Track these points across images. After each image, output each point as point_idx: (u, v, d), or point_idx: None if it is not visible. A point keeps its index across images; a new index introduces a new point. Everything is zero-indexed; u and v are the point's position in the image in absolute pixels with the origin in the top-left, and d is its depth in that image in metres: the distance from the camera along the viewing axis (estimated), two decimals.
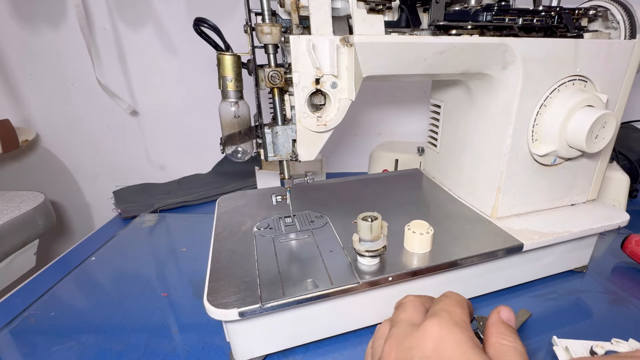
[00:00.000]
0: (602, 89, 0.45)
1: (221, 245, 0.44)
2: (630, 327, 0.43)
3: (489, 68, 0.42)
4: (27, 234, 0.71)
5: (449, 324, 0.26)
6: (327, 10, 0.35)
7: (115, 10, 0.82)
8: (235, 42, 0.41)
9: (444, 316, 0.26)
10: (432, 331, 0.25)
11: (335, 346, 0.41)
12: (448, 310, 0.27)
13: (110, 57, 0.86)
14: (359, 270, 0.39)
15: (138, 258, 0.60)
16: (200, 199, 0.80)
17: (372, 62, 0.37)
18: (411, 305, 0.30)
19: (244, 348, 0.38)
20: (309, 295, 0.35)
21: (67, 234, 1.05)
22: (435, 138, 0.60)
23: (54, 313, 0.48)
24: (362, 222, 0.38)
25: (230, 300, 0.35)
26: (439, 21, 0.40)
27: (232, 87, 0.39)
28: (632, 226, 0.50)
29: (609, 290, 0.49)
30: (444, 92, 0.56)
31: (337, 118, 0.39)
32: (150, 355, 0.41)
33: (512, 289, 0.49)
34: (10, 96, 0.90)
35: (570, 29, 0.44)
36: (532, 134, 0.44)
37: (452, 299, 0.29)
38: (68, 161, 0.99)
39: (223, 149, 0.41)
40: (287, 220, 0.49)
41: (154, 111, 0.92)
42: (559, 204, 0.51)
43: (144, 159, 0.98)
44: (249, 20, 0.37)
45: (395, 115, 0.94)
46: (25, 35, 0.83)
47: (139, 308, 0.48)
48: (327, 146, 0.45)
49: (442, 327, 0.25)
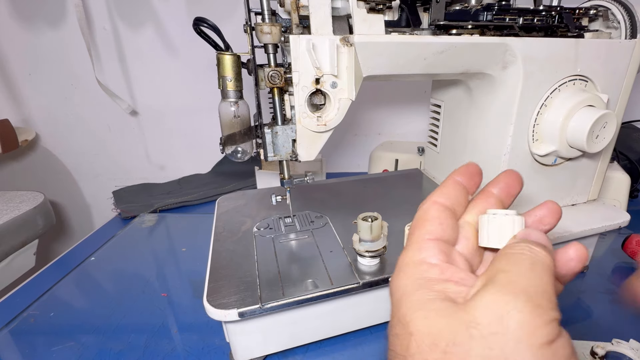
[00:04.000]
0: (602, 89, 0.45)
1: (221, 246, 0.44)
2: (630, 327, 0.43)
3: (489, 68, 0.42)
4: (26, 234, 0.71)
5: (518, 306, 0.16)
6: (327, 10, 0.35)
7: (115, 10, 0.81)
8: (235, 41, 0.40)
9: (509, 289, 0.17)
10: (487, 319, 0.16)
11: (335, 346, 0.41)
12: (513, 281, 0.17)
13: (110, 57, 0.86)
14: (359, 270, 0.39)
15: (138, 258, 0.60)
16: (200, 199, 0.80)
17: (372, 61, 0.37)
18: (430, 242, 0.21)
19: (243, 348, 0.38)
20: (309, 295, 0.35)
21: (66, 234, 1.05)
22: (435, 138, 0.60)
23: (53, 313, 0.48)
24: (362, 222, 0.38)
25: (230, 301, 0.34)
26: (439, 21, 0.40)
27: (232, 87, 0.38)
28: (632, 226, 0.50)
29: (610, 290, 0.49)
30: (444, 92, 0.56)
31: (337, 118, 0.39)
32: (150, 355, 0.40)
33: None
34: (10, 96, 0.90)
35: (570, 29, 0.44)
36: (533, 134, 0.44)
37: (528, 251, 0.18)
38: (68, 161, 0.99)
39: (223, 148, 0.41)
40: (287, 220, 0.49)
41: (154, 111, 0.92)
42: (560, 204, 0.51)
43: (143, 159, 0.98)
44: (248, 19, 0.37)
45: (395, 115, 0.94)
46: (25, 35, 0.83)
47: (139, 308, 0.48)
48: (327, 146, 0.45)
49: (505, 313, 0.16)
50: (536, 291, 0.16)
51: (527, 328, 0.15)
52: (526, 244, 0.19)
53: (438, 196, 0.23)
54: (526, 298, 0.16)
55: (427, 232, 0.22)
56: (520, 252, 0.19)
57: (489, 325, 0.16)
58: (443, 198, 0.23)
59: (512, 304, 0.16)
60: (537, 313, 0.16)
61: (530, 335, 0.15)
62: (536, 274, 0.17)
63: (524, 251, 0.19)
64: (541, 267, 0.18)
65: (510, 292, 0.16)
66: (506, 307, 0.16)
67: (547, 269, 0.18)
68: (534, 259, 0.18)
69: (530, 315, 0.16)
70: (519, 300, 0.16)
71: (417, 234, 0.22)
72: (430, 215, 0.23)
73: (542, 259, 0.18)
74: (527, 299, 0.16)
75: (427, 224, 0.22)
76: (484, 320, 0.16)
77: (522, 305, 0.16)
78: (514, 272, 0.18)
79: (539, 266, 0.18)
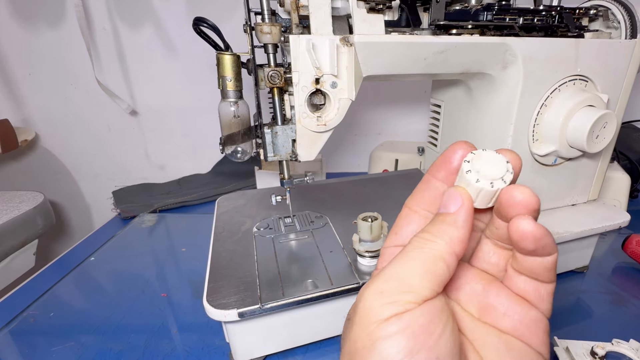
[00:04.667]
0: (602, 89, 0.45)
1: (221, 246, 0.44)
2: (630, 327, 0.43)
3: (489, 68, 0.42)
4: (26, 234, 0.71)
5: (365, 295, 0.19)
6: (327, 10, 0.35)
7: (115, 10, 0.81)
8: (235, 41, 0.40)
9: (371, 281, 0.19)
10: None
11: (335, 347, 0.41)
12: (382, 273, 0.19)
13: (109, 57, 0.86)
14: (359, 270, 0.39)
15: (138, 258, 0.60)
16: (200, 199, 0.80)
17: (372, 61, 0.37)
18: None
19: (243, 349, 0.38)
20: (308, 295, 0.35)
21: (66, 234, 1.05)
22: (435, 138, 0.60)
23: (53, 313, 0.48)
24: (362, 222, 0.38)
25: (229, 301, 0.34)
26: (439, 21, 0.40)
27: (232, 86, 0.38)
28: (632, 226, 0.50)
29: (610, 290, 0.49)
30: (445, 91, 0.56)
31: (337, 118, 0.39)
32: (150, 355, 0.40)
33: None
34: (9, 96, 0.90)
35: (570, 29, 0.44)
36: (533, 133, 0.44)
37: (418, 243, 0.19)
38: (67, 161, 0.99)
39: (222, 148, 0.41)
40: (286, 220, 0.49)
41: (153, 111, 0.92)
42: (560, 204, 0.51)
43: (143, 159, 0.98)
44: (248, 19, 0.37)
45: (396, 115, 0.94)
46: (24, 35, 0.83)
47: (139, 308, 0.48)
48: (327, 146, 0.45)
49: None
50: (386, 279, 0.18)
51: (362, 311, 0.18)
52: (420, 237, 0.19)
53: (408, 199, 0.24)
54: (374, 289, 0.18)
55: (385, 242, 0.24)
56: (408, 245, 0.20)
57: (353, 314, 0.19)
58: (411, 201, 0.23)
59: (364, 294, 0.19)
60: (376, 297, 0.18)
61: (364, 315, 0.18)
62: (403, 264, 0.19)
63: (411, 242, 0.20)
64: (412, 255, 0.19)
65: (369, 285, 0.19)
66: (360, 297, 0.19)
67: (419, 257, 0.19)
68: (412, 249, 0.19)
69: (369, 301, 0.18)
70: (368, 291, 0.19)
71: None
72: (395, 223, 0.24)
73: (422, 247, 0.19)
74: (375, 289, 0.18)
75: (389, 233, 0.24)
76: (353, 309, 0.19)
77: (368, 294, 0.18)
78: (389, 265, 0.19)
79: (411, 253, 0.19)
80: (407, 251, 0.19)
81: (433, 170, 0.22)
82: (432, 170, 0.22)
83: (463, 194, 0.19)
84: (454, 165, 0.21)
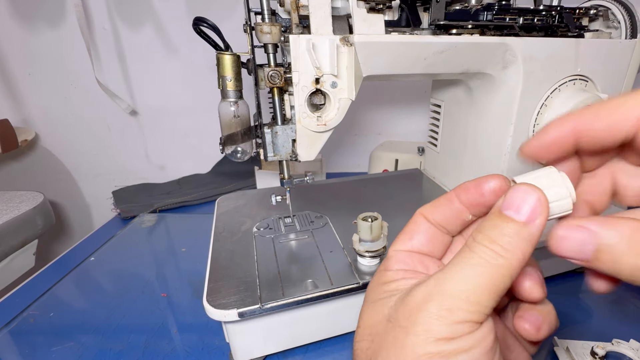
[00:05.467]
0: (602, 89, 0.45)
1: (221, 246, 0.44)
2: (630, 327, 0.43)
3: (489, 68, 0.42)
4: (26, 234, 0.71)
5: (428, 308, 0.17)
6: (327, 10, 0.35)
7: (115, 10, 0.81)
8: (235, 41, 0.40)
9: (429, 289, 0.18)
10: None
11: (335, 347, 0.41)
12: (440, 283, 0.18)
13: (109, 57, 0.86)
14: (359, 270, 0.39)
15: (137, 258, 0.60)
16: (200, 199, 0.80)
17: (372, 61, 0.37)
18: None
19: (243, 349, 0.38)
20: (308, 295, 0.35)
21: (66, 234, 1.05)
22: (435, 138, 0.60)
23: (53, 313, 0.48)
24: (362, 222, 0.38)
25: (229, 301, 0.34)
26: (439, 20, 0.40)
27: (232, 86, 0.38)
28: None
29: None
30: (445, 91, 0.56)
31: (337, 118, 0.39)
32: (150, 355, 0.40)
33: None
34: (9, 96, 0.90)
35: (571, 29, 0.44)
36: (533, 133, 0.44)
37: (478, 250, 0.18)
38: (67, 161, 0.99)
39: (222, 148, 0.41)
40: (286, 220, 0.49)
41: (153, 111, 0.92)
42: None
43: (143, 159, 0.98)
44: (248, 19, 0.37)
45: (396, 115, 0.94)
46: (24, 35, 0.83)
47: (139, 308, 0.48)
48: (327, 146, 0.45)
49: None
50: (452, 294, 0.17)
51: (423, 324, 0.17)
52: (488, 248, 0.18)
53: (425, 208, 0.23)
54: (439, 304, 0.17)
55: (395, 244, 0.24)
56: (469, 252, 0.18)
57: (402, 319, 0.18)
58: (428, 211, 0.23)
59: (425, 308, 0.17)
60: (442, 315, 0.17)
61: (425, 329, 0.17)
62: (470, 278, 0.17)
63: (474, 250, 0.18)
64: (480, 270, 0.17)
65: (428, 295, 0.18)
66: (421, 307, 0.17)
67: (488, 273, 0.17)
68: (479, 261, 0.17)
69: (433, 318, 0.17)
70: (432, 304, 0.17)
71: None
72: (406, 227, 0.24)
73: (490, 261, 0.17)
74: (439, 304, 0.17)
75: (399, 236, 0.24)
76: (400, 315, 0.18)
77: (434, 309, 0.17)
78: (449, 273, 0.18)
79: (479, 268, 0.17)
80: (474, 264, 0.17)
81: (459, 191, 0.22)
82: (459, 190, 0.22)
83: (542, 199, 0.17)
84: (484, 195, 0.21)
